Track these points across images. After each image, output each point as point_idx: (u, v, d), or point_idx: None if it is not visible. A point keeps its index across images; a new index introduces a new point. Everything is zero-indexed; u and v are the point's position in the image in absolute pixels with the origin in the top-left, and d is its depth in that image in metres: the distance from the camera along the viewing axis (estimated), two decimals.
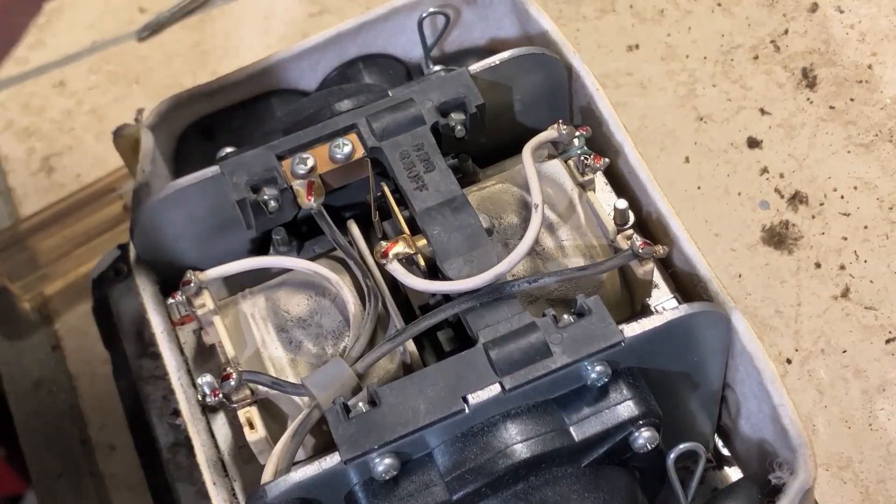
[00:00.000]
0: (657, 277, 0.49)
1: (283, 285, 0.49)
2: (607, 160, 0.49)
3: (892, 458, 0.64)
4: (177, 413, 0.51)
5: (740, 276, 0.71)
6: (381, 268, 0.45)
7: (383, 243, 0.45)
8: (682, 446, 0.41)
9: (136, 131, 0.54)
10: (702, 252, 0.47)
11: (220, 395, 0.44)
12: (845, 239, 0.72)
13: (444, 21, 0.55)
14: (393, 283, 0.46)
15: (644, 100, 0.80)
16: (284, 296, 0.48)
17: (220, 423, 0.49)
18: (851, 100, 0.77)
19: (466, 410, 0.40)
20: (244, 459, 0.48)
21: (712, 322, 0.44)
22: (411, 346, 0.45)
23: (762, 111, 0.78)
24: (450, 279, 0.44)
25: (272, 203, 0.48)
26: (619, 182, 0.51)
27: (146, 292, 0.51)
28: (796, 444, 0.43)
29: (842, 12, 0.81)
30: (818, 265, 0.71)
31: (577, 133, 0.50)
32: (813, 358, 0.68)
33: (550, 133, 0.49)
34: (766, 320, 0.69)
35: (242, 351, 0.47)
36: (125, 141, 0.54)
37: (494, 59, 0.51)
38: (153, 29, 0.84)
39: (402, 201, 0.47)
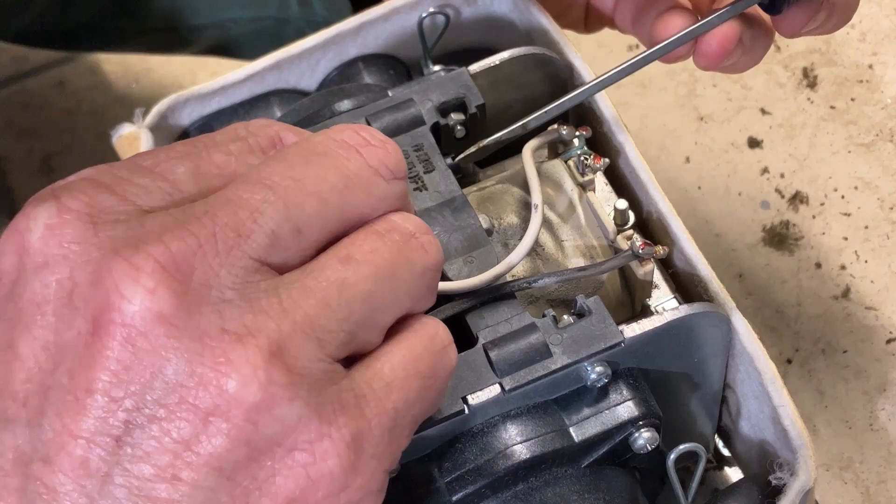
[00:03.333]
0: (657, 278, 0.49)
1: None
2: (607, 160, 0.49)
3: (892, 459, 0.64)
4: None
5: (741, 276, 0.71)
6: None
7: None
8: (682, 447, 0.41)
9: (136, 131, 0.54)
10: (702, 252, 0.47)
11: None
12: (846, 239, 0.72)
13: (444, 21, 0.55)
14: None
15: (644, 100, 0.80)
16: None
17: None
18: (852, 100, 0.77)
19: (466, 411, 0.40)
20: None
21: (713, 322, 0.44)
22: None
23: (763, 111, 0.78)
24: (450, 279, 0.44)
25: None
26: (620, 182, 0.51)
27: None
28: (797, 444, 0.43)
29: None
30: (819, 265, 0.71)
31: (577, 133, 0.50)
32: (813, 358, 0.68)
33: (550, 133, 0.49)
34: (766, 320, 0.69)
35: None
36: (125, 141, 0.54)
37: (494, 59, 0.51)
38: None
39: None
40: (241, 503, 0.29)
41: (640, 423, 0.42)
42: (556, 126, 0.49)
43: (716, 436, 0.51)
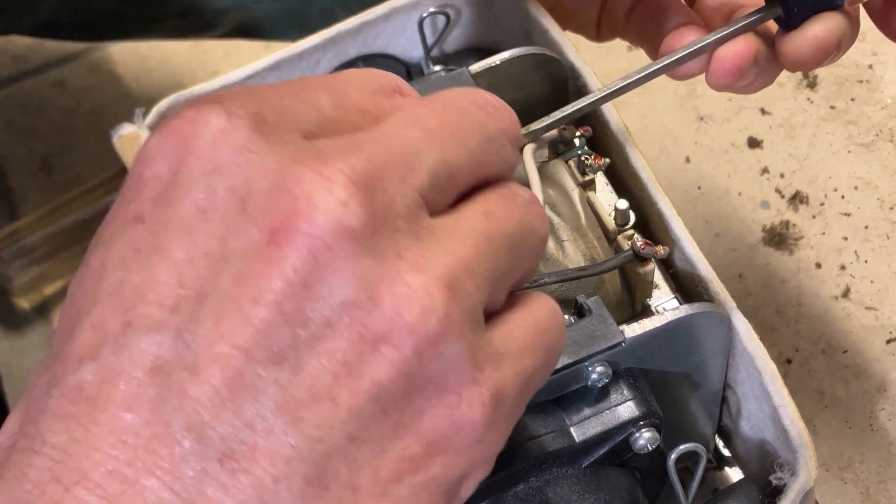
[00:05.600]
0: (658, 278, 0.49)
1: None
2: (608, 160, 0.49)
3: (892, 459, 0.64)
4: None
5: (741, 276, 0.71)
6: None
7: None
8: (682, 447, 0.41)
9: (137, 131, 0.54)
10: (702, 252, 0.47)
11: None
12: (846, 239, 0.72)
13: (445, 21, 0.55)
14: None
15: (644, 100, 0.80)
16: None
17: None
18: (852, 99, 0.77)
19: None
20: None
21: (713, 322, 0.44)
22: None
23: (762, 111, 0.78)
24: None
25: None
26: (620, 182, 0.51)
27: None
28: (797, 444, 0.43)
29: None
30: (819, 265, 0.71)
31: (578, 133, 0.50)
32: (813, 358, 0.68)
33: (551, 133, 0.49)
34: (766, 320, 0.69)
35: None
36: (125, 141, 0.54)
37: (494, 59, 0.51)
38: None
39: None
40: (388, 437, 0.28)
41: (641, 423, 0.42)
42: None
43: (716, 436, 0.51)
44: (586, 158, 0.49)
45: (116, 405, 0.27)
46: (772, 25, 0.47)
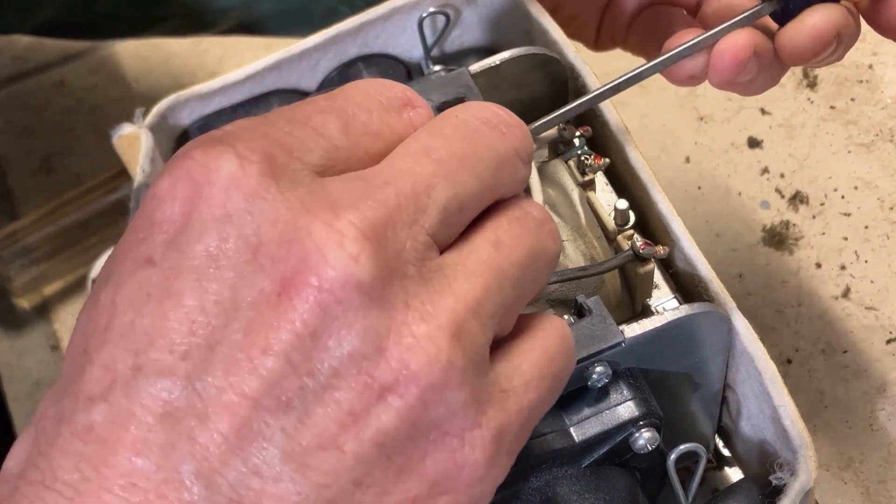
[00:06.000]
0: (658, 278, 0.49)
1: None
2: (607, 160, 0.49)
3: (892, 459, 0.64)
4: None
5: (741, 276, 0.71)
6: None
7: None
8: (682, 447, 0.41)
9: (136, 131, 0.54)
10: (702, 252, 0.47)
11: None
12: (846, 239, 0.72)
13: (445, 21, 0.55)
14: None
15: (644, 100, 0.79)
16: None
17: None
18: (852, 99, 0.77)
19: None
20: None
21: (713, 322, 0.44)
22: None
23: (762, 111, 0.78)
24: None
25: None
26: (620, 182, 0.51)
27: None
28: (797, 444, 0.43)
29: None
30: (819, 265, 0.71)
31: (578, 133, 0.50)
32: (813, 358, 0.68)
33: (551, 133, 0.49)
34: (766, 320, 0.69)
35: None
36: (125, 141, 0.54)
37: (494, 59, 0.51)
38: None
39: None
40: (392, 480, 0.29)
41: (641, 423, 0.42)
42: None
43: (716, 436, 0.51)
44: (586, 158, 0.49)
45: (126, 448, 0.27)
46: (771, 25, 0.47)
